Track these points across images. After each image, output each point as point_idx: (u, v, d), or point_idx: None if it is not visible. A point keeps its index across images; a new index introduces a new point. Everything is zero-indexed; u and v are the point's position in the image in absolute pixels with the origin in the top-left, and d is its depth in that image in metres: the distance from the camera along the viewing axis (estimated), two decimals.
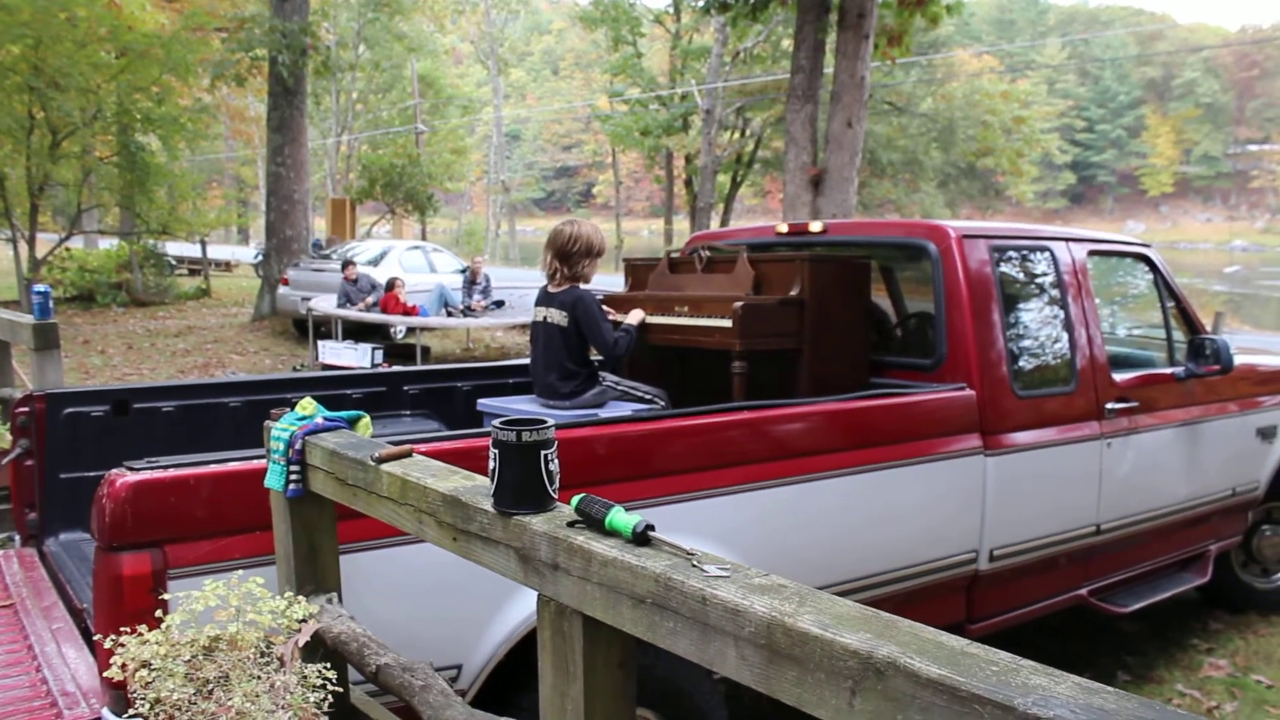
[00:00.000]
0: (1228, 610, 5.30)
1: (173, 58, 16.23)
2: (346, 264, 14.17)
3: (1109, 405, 4.10)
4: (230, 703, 1.83)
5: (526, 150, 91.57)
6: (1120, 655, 4.76)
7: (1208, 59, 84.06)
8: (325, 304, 13.66)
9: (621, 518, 1.46)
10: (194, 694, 1.85)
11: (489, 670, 2.61)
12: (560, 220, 4.38)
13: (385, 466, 1.92)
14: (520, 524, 1.57)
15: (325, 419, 2.26)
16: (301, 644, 2.01)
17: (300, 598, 2.10)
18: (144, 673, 1.86)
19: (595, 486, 2.58)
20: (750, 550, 2.97)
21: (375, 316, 13.20)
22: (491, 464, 1.61)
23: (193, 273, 26.41)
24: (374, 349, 11.42)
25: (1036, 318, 4.05)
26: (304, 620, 2.05)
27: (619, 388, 4.29)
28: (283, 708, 1.85)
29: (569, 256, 4.20)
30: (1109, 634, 5.02)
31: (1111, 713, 0.93)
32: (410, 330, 14.48)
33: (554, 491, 1.62)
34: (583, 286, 4.24)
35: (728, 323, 3.91)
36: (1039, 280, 4.10)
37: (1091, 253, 4.33)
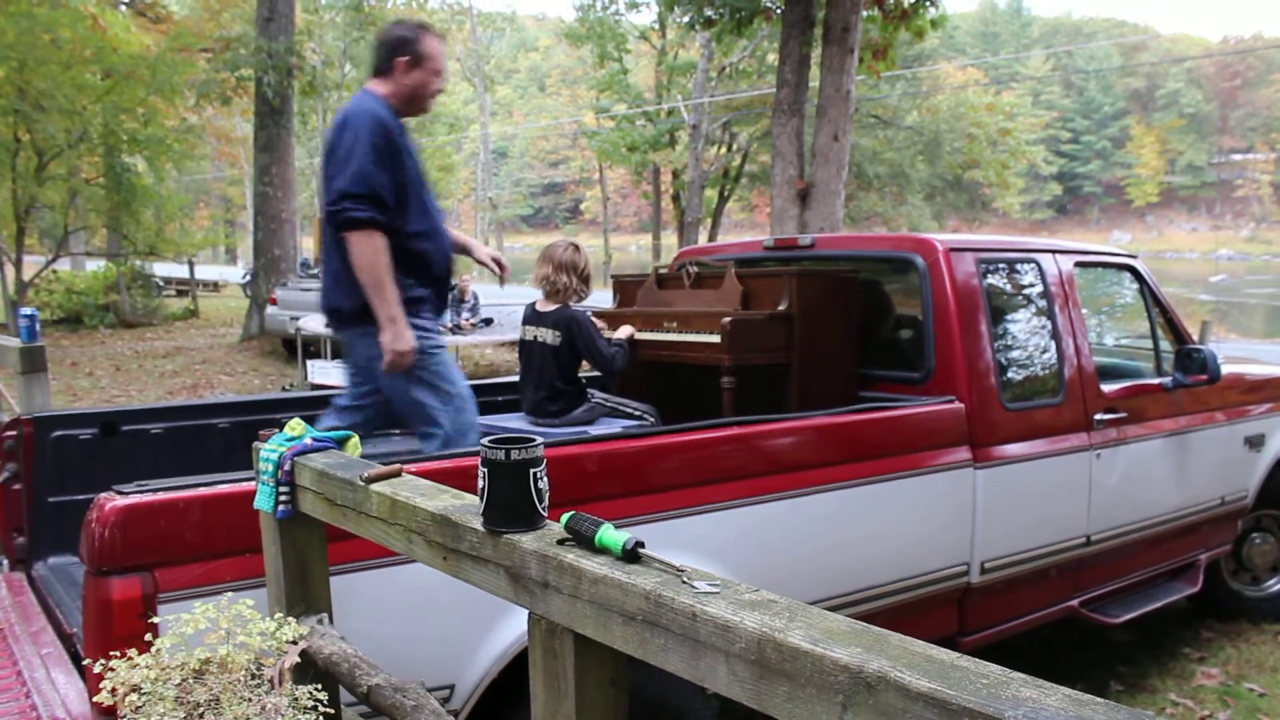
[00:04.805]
0: (1219, 619, 5.31)
1: (158, 79, 16.25)
2: None
3: (1097, 416, 4.11)
4: None
5: (514, 167, 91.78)
6: (1113, 665, 4.76)
7: (1191, 69, 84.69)
8: (314, 323, 13.60)
9: (611, 535, 1.46)
10: (184, 718, 1.84)
11: (481, 690, 2.60)
12: (554, 239, 4.43)
13: (374, 486, 1.92)
14: (510, 542, 1.56)
15: (314, 439, 2.25)
16: (292, 665, 2.00)
17: (291, 619, 2.09)
18: (134, 697, 1.85)
19: (585, 504, 2.58)
20: (741, 566, 2.97)
21: None
22: (481, 483, 1.61)
23: (180, 293, 26.33)
24: None
25: (1024, 329, 4.06)
26: (294, 641, 2.05)
27: (608, 404, 4.29)
28: None
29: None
30: (1101, 644, 5.03)
31: None
32: None
33: (544, 509, 1.62)
34: (574, 305, 4.24)
35: (716, 338, 3.92)
36: (1026, 292, 4.11)
37: (1078, 264, 4.35)
